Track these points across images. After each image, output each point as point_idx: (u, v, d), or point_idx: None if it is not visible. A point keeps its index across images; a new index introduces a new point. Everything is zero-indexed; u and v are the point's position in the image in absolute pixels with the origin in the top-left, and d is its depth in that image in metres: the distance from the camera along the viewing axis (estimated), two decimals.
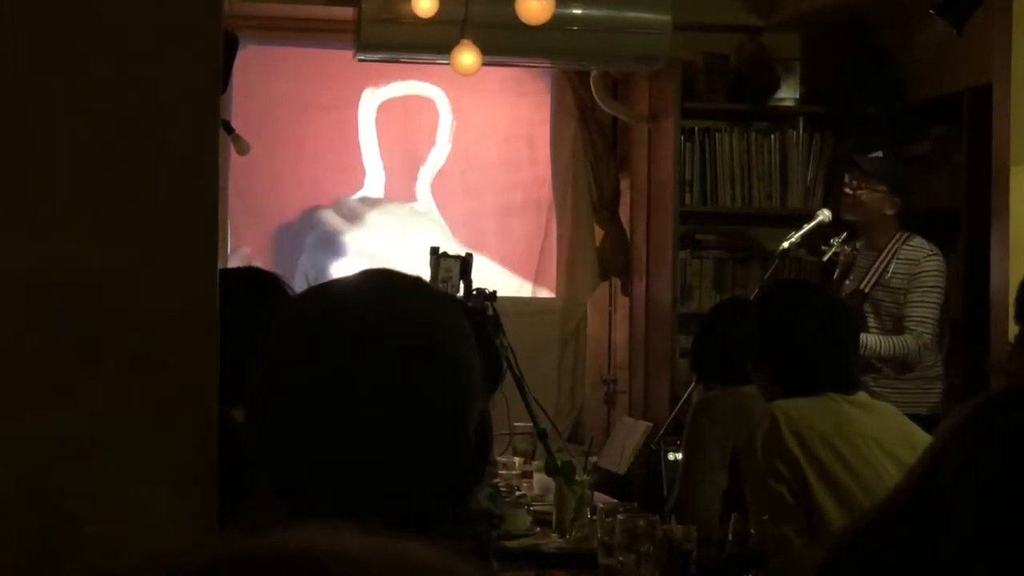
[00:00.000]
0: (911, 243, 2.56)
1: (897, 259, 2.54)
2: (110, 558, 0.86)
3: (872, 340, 2.47)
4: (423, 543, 0.32)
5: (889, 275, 2.54)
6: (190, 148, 0.92)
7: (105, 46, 0.91)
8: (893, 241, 2.56)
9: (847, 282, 2.54)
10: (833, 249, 2.58)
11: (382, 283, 0.73)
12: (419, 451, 0.68)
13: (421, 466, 0.68)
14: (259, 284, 1.27)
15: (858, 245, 2.59)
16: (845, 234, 2.58)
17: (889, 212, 2.55)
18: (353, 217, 3.33)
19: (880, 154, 2.60)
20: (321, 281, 0.81)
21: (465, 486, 0.71)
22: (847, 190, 2.56)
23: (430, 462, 0.68)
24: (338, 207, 3.32)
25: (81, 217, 0.91)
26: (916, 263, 2.52)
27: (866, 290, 2.54)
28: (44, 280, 0.90)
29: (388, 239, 3.35)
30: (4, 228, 0.90)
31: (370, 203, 3.35)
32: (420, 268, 2.32)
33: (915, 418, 1.59)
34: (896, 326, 2.53)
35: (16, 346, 0.89)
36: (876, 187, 2.55)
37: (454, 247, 2.92)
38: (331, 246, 3.32)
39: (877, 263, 2.56)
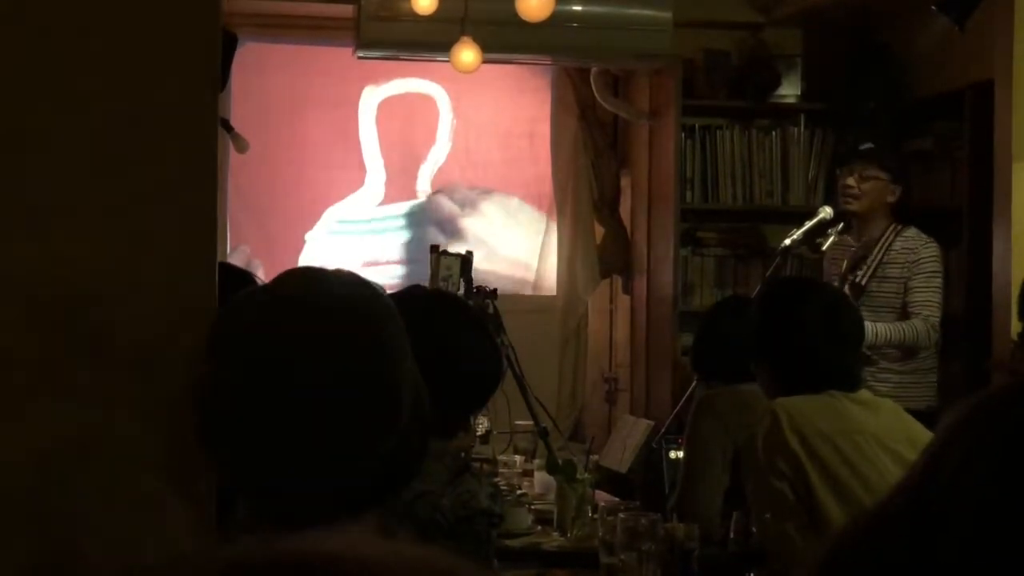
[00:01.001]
0: (906, 234, 2.55)
1: (893, 249, 2.54)
2: (111, 558, 0.86)
3: (882, 329, 2.47)
4: (440, 549, 0.32)
5: (886, 266, 2.54)
6: (189, 147, 0.92)
7: (103, 45, 0.91)
8: (887, 233, 2.56)
9: (835, 277, 2.54)
10: (831, 240, 2.57)
11: (306, 278, 0.78)
12: (353, 422, 0.71)
13: (356, 437, 0.71)
14: (228, 280, 1.27)
15: (850, 239, 2.57)
16: (842, 224, 2.58)
17: (890, 200, 2.55)
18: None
19: (871, 145, 2.57)
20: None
21: (408, 460, 0.73)
22: (849, 181, 2.54)
23: (365, 433, 0.72)
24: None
25: (80, 217, 0.90)
26: (914, 251, 2.52)
27: (862, 283, 2.53)
28: (43, 281, 0.89)
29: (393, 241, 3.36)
30: (3, 228, 0.89)
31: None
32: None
33: (912, 413, 1.59)
34: (895, 318, 2.52)
35: (16, 347, 0.89)
36: (878, 175, 2.54)
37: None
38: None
39: (872, 256, 2.55)
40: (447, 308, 1.33)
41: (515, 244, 3.38)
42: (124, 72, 0.91)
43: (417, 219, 3.33)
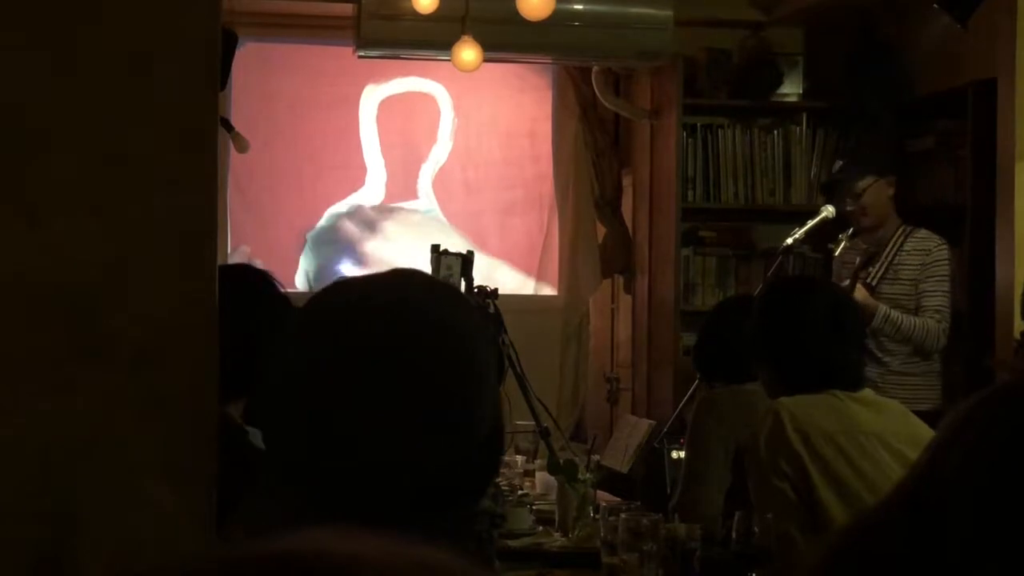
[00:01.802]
0: (917, 235, 2.54)
1: (904, 251, 2.52)
2: (112, 558, 0.86)
3: (895, 315, 2.45)
4: (442, 549, 0.32)
5: (897, 267, 2.52)
6: (189, 146, 0.91)
7: (102, 43, 0.90)
8: (898, 234, 2.54)
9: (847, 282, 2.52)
10: (843, 244, 2.56)
11: (399, 281, 0.73)
12: (425, 449, 0.68)
13: (428, 464, 0.68)
14: (248, 282, 1.27)
15: (860, 242, 2.56)
16: (851, 230, 2.57)
17: (890, 192, 2.54)
18: (360, 224, 3.31)
19: (839, 163, 2.57)
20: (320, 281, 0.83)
21: (475, 486, 0.71)
22: (849, 208, 2.53)
23: (437, 461, 0.68)
24: (345, 216, 3.30)
25: (80, 216, 0.90)
26: (927, 253, 2.50)
27: (873, 283, 2.52)
28: (43, 279, 0.89)
29: (394, 244, 3.34)
30: (2, 227, 0.89)
31: (377, 210, 3.33)
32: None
33: (920, 414, 1.58)
34: None
35: (15, 345, 0.88)
36: (868, 182, 2.52)
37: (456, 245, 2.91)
38: (335, 251, 3.32)
39: (883, 256, 2.55)
40: None
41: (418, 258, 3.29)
42: (124, 71, 0.91)
43: (319, 241, 3.24)
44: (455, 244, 2.81)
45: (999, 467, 0.45)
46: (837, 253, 2.59)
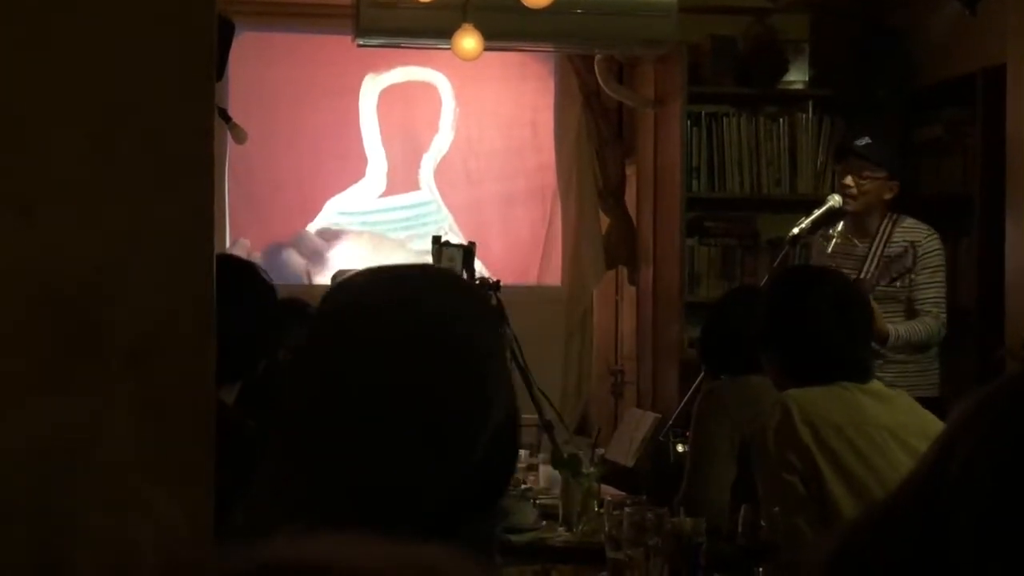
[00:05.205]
0: (904, 224, 2.49)
1: (893, 242, 2.49)
2: (108, 555, 0.84)
3: (903, 330, 2.42)
4: (437, 548, 0.30)
5: (890, 260, 2.50)
6: (186, 138, 0.90)
7: (97, 34, 0.89)
8: (884, 223, 2.51)
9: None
10: (835, 240, 2.53)
11: (394, 279, 0.73)
12: (427, 451, 0.66)
13: (429, 467, 0.66)
14: (233, 271, 1.25)
15: (855, 240, 2.52)
16: (841, 224, 2.54)
17: (888, 196, 2.50)
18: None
19: (868, 140, 2.51)
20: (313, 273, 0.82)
21: (486, 494, 0.69)
22: (848, 181, 2.49)
23: (439, 463, 0.66)
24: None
25: (75, 210, 0.89)
26: (918, 244, 2.46)
27: (864, 276, 2.49)
28: (39, 275, 0.87)
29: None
30: None
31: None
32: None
33: (919, 401, 1.56)
34: (902, 309, 2.48)
35: (12, 342, 0.87)
36: (876, 174, 2.49)
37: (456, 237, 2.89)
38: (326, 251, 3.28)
39: (872, 251, 2.51)
40: None
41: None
42: (120, 61, 0.89)
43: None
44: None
45: (1005, 463, 0.45)
46: (830, 250, 2.56)
